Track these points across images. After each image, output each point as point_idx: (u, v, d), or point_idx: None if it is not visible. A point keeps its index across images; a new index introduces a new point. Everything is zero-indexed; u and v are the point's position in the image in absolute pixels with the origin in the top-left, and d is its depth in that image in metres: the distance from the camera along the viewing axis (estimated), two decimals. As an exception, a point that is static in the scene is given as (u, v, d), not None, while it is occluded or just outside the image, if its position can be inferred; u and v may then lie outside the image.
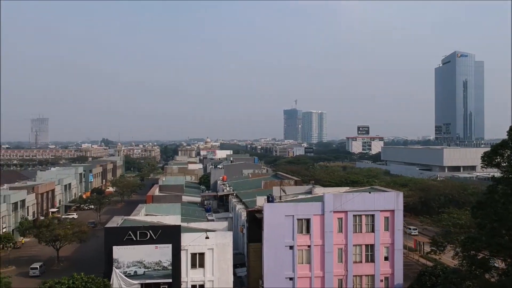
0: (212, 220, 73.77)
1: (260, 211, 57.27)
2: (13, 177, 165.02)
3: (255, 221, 58.15)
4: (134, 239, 52.54)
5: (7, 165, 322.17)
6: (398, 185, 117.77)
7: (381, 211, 55.87)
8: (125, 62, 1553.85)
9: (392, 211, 56.11)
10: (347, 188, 73.09)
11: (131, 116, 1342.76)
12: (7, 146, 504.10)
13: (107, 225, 56.66)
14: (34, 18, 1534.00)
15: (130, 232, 52.84)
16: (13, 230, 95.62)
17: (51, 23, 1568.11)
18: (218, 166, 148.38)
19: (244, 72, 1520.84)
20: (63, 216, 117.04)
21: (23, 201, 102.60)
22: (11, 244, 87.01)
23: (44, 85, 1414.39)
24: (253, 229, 58.59)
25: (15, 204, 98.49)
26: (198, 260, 54.55)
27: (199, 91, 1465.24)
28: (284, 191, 65.74)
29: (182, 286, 53.70)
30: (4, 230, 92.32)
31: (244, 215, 67.69)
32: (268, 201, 59.50)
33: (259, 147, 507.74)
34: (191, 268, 54.41)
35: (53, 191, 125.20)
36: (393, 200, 56.35)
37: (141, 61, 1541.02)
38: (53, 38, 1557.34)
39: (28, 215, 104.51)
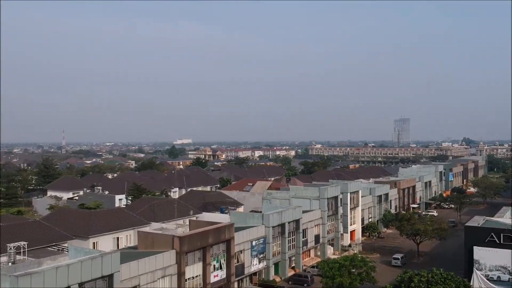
0: None
1: None
2: (378, 172, 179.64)
3: None
4: (497, 241, 49.35)
5: (372, 161, 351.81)
6: None
7: None
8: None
9: None
10: None
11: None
12: (372, 144, 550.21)
13: (467, 224, 54.98)
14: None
15: (492, 233, 49.93)
16: (377, 220, 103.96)
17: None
18: None
19: None
20: (423, 213, 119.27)
21: (386, 195, 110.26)
22: (376, 233, 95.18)
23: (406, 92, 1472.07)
24: None
25: (379, 197, 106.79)
26: None
27: None
28: None
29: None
30: (370, 220, 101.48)
31: None
32: None
33: None
34: None
35: (413, 187, 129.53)
36: None
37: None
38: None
39: (390, 208, 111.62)
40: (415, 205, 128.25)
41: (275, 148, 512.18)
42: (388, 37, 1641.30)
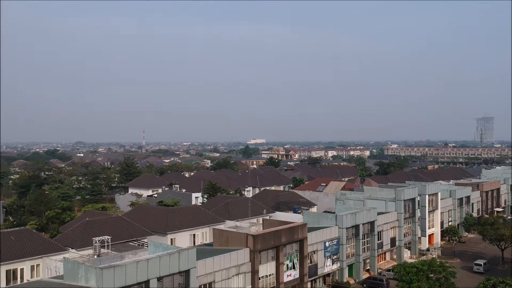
0: None
1: None
2: (458, 174, 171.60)
3: None
4: None
5: (453, 162, 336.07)
6: None
7: None
8: None
9: None
10: None
11: None
12: (453, 144, 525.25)
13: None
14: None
15: None
16: (458, 224, 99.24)
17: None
18: None
19: None
20: (509, 217, 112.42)
21: (467, 198, 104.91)
22: (456, 237, 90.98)
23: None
24: None
25: (460, 199, 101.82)
26: None
27: None
28: None
29: None
30: (450, 223, 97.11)
31: None
32: None
33: None
34: None
35: (498, 190, 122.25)
36: None
37: None
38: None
39: (472, 211, 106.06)
40: (500, 209, 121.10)
41: (348, 148, 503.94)
42: (476, 33, 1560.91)
